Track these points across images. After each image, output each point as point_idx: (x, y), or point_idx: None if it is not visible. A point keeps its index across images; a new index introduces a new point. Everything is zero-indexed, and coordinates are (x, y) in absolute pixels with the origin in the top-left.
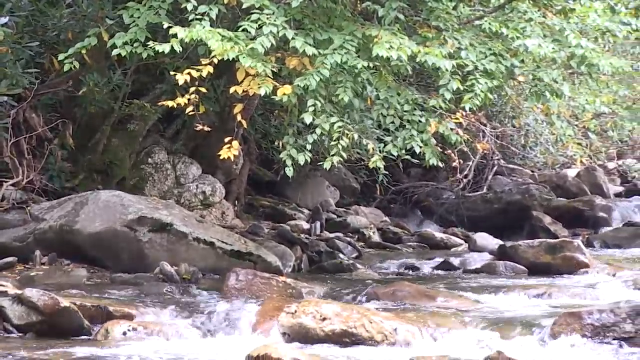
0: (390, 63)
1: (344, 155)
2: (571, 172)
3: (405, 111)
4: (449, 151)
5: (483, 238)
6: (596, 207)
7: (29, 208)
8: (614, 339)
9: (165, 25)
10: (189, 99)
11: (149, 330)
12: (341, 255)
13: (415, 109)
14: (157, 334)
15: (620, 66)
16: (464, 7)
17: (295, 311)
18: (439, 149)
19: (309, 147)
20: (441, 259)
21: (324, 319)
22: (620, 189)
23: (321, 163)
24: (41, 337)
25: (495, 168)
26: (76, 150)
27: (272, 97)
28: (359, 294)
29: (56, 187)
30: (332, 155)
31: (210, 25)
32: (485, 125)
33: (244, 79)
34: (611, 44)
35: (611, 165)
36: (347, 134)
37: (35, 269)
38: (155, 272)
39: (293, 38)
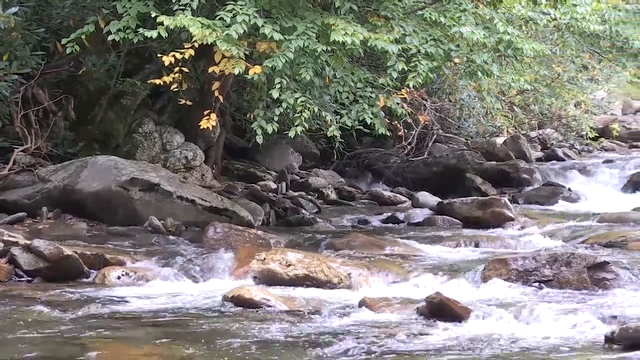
0: (345, 47)
1: (306, 125)
2: (499, 140)
3: (358, 88)
4: (395, 122)
5: (424, 196)
6: (520, 170)
7: (36, 170)
8: (535, 282)
9: (153, 15)
10: (173, 78)
11: (139, 274)
12: (303, 211)
13: (366, 86)
14: (146, 278)
15: (541, 50)
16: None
17: (265, 258)
18: (387, 120)
19: (276, 118)
20: (388, 214)
21: (289, 265)
22: (541, 154)
23: (286, 132)
24: (47, 280)
25: (434, 137)
26: (77, 122)
27: (245, 76)
28: (318, 243)
29: (60, 153)
30: (296, 125)
31: (192, 15)
32: (426, 100)
33: (221, 60)
34: (533, 31)
35: (533, 134)
36: (309, 108)
37: (42, 222)
38: (145, 226)
39: (262, 25)
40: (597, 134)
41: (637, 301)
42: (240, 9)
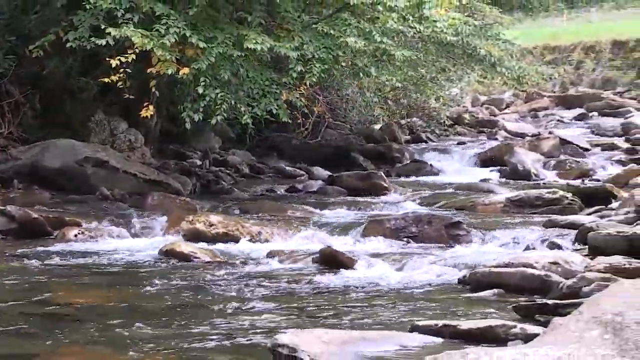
0: (256, 53)
1: (225, 114)
2: (376, 127)
3: (266, 85)
4: (295, 112)
5: (318, 170)
6: (393, 150)
7: (9, 150)
8: (404, 238)
9: (103, 27)
10: (119, 77)
11: (92, 233)
12: (223, 182)
13: (272, 84)
14: (98, 236)
15: (409, 56)
16: (305, 16)
17: (192, 220)
18: (288, 110)
19: (201, 109)
20: (290, 185)
21: (211, 225)
22: (409, 138)
23: (209, 120)
24: (17, 238)
25: (326, 124)
26: (43, 112)
27: (176, 75)
28: (235, 208)
29: (29, 136)
30: (217, 115)
31: (134, 27)
32: (319, 94)
33: (157, 63)
34: (403, 41)
35: (403, 122)
36: (227, 101)
37: (14, 192)
38: (97, 195)
39: (190, 36)
40: (452, 122)
41: (482, 252)
42: (172, 22)
